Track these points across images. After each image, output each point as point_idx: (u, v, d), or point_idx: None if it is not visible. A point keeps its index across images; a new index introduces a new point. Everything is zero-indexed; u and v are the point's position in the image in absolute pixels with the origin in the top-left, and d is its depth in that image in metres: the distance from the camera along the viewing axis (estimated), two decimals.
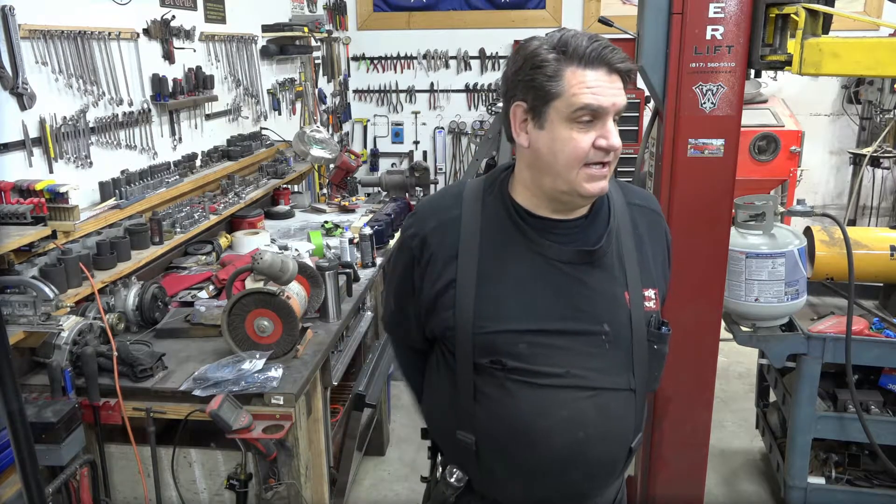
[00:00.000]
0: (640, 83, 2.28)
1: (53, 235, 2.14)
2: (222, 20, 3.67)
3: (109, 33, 2.66)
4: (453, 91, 6.11)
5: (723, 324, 2.44)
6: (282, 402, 1.95)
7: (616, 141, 1.21)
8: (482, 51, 5.99)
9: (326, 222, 3.54)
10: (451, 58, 6.06)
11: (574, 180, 1.21)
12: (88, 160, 2.54)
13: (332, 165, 4.35)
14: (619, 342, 1.30)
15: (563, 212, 1.29)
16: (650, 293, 1.33)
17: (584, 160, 1.20)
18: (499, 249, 1.29)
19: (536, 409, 1.27)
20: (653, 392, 1.39)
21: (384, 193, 4.17)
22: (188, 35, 3.26)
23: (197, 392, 1.94)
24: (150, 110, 2.95)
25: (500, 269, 1.28)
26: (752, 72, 2.10)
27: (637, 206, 1.38)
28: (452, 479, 1.39)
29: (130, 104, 2.81)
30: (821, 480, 2.67)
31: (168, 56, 3.09)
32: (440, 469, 1.43)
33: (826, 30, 1.94)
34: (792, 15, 1.92)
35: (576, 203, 1.27)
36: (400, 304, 1.45)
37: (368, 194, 4.39)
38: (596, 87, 1.17)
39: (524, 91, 1.22)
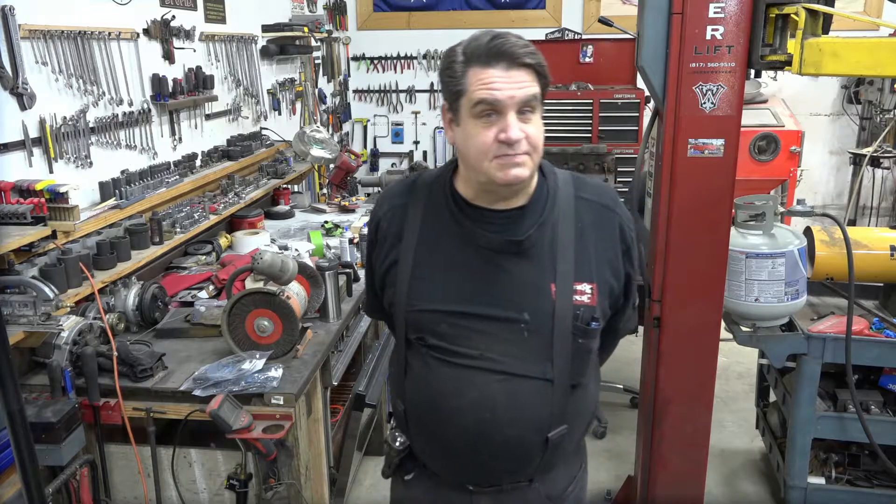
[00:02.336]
0: (640, 83, 2.28)
1: (53, 235, 2.15)
2: (222, 20, 3.67)
3: (109, 33, 2.66)
4: None
5: (723, 324, 2.44)
6: (282, 402, 1.95)
7: (514, 134, 1.23)
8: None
9: (326, 222, 3.54)
10: None
11: (487, 171, 1.26)
12: (88, 160, 2.54)
13: (332, 165, 4.35)
14: (539, 332, 1.32)
15: (498, 202, 1.33)
16: (584, 287, 1.34)
17: (491, 153, 1.25)
18: (436, 235, 1.37)
19: (450, 386, 1.35)
20: (577, 385, 1.39)
21: None
22: (188, 35, 3.26)
23: (197, 392, 1.94)
24: (150, 110, 2.95)
25: (435, 253, 1.36)
26: (752, 72, 2.10)
27: (585, 199, 1.39)
28: (396, 444, 1.49)
29: (130, 104, 2.81)
30: (821, 480, 2.67)
31: (168, 56, 3.09)
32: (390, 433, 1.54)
33: (826, 30, 1.94)
34: (792, 15, 1.92)
35: (501, 192, 1.31)
36: (369, 283, 1.54)
37: (368, 194, 4.39)
38: (491, 82, 1.22)
39: (444, 92, 1.31)
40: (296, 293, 2.22)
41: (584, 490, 1.56)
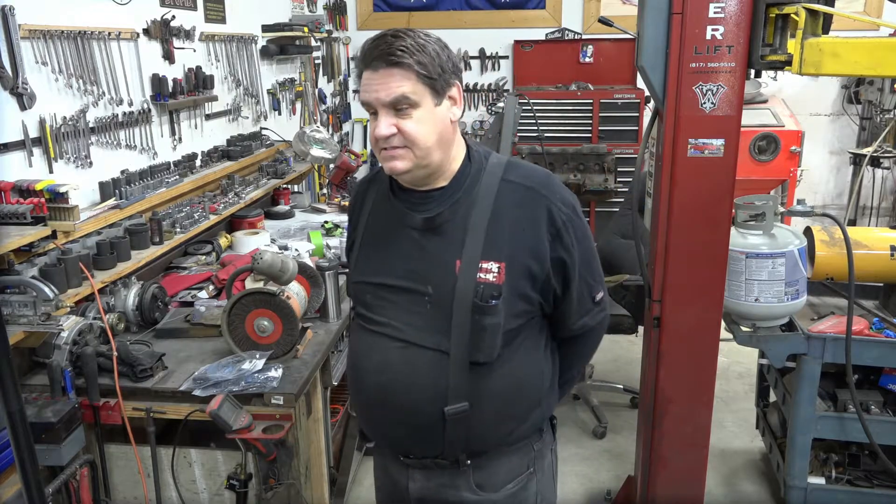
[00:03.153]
0: (640, 83, 2.28)
1: (53, 235, 2.15)
2: (222, 20, 3.68)
3: (109, 33, 2.66)
4: None
5: (723, 324, 2.44)
6: (282, 402, 1.95)
7: (379, 131, 1.32)
8: (482, 51, 5.99)
9: (326, 222, 3.54)
10: None
11: (380, 161, 1.40)
12: (88, 160, 2.54)
13: (332, 165, 4.35)
14: (440, 305, 1.39)
15: (420, 185, 1.43)
16: (491, 266, 1.37)
17: (378, 147, 1.36)
18: (378, 216, 1.50)
19: (362, 350, 1.50)
20: (490, 362, 1.40)
21: None
22: (188, 35, 3.26)
23: (197, 392, 1.94)
24: (150, 110, 2.95)
25: (376, 232, 1.50)
26: (752, 72, 2.10)
27: (509, 181, 1.41)
28: (354, 414, 1.67)
29: (130, 104, 2.81)
30: (821, 480, 2.66)
31: (168, 56, 3.09)
32: None
33: (826, 30, 1.94)
34: (792, 15, 1.92)
35: (403, 179, 1.42)
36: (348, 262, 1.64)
37: None
38: (366, 84, 1.33)
39: None
40: (296, 293, 2.22)
41: (533, 496, 1.53)
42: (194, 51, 3.34)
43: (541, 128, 4.94)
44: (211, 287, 2.65)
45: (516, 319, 1.42)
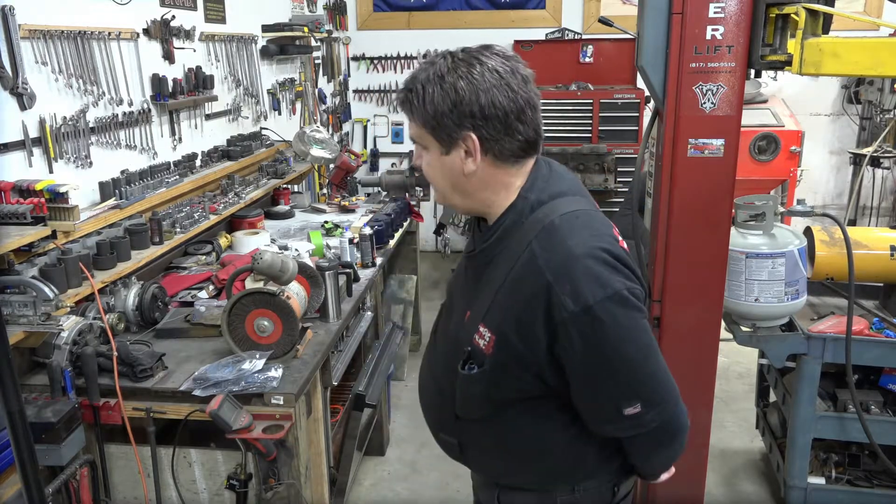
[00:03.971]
0: (640, 83, 2.27)
1: (53, 235, 2.14)
2: (222, 20, 3.67)
3: (109, 33, 2.66)
4: None
5: (723, 324, 2.44)
6: (282, 402, 1.95)
7: (413, 159, 1.35)
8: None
9: (326, 222, 3.54)
10: None
11: None
12: (88, 160, 2.54)
13: (332, 165, 4.35)
14: (446, 345, 1.42)
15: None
16: (485, 333, 1.26)
17: None
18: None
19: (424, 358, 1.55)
20: (472, 420, 1.37)
21: (384, 193, 4.17)
22: (188, 35, 3.26)
23: (197, 392, 1.94)
24: (150, 110, 2.95)
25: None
26: (752, 72, 2.10)
27: (532, 249, 1.22)
28: None
29: (130, 104, 2.81)
30: (821, 480, 2.67)
31: (168, 56, 3.09)
32: None
33: (826, 30, 1.94)
34: (792, 15, 1.92)
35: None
36: None
37: (368, 194, 4.39)
38: None
39: None
40: (296, 293, 2.22)
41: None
42: (194, 51, 3.34)
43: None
44: (211, 287, 2.65)
45: (510, 394, 1.29)
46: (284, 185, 3.92)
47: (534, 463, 1.38)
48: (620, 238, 1.33)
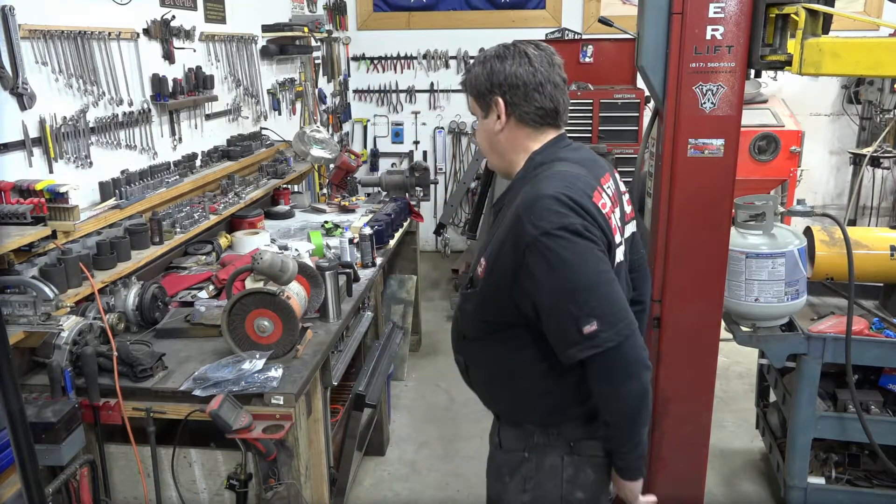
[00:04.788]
0: (640, 83, 2.28)
1: (53, 235, 2.14)
2: (222, 20, 3.67)
3: (109, 33, 2.66)
4: (453, 91, 6.11)
5: (723, 324, 2.44)
6: (282, 402, 1.95)
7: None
8: (482, 51, 5.98)
9: (326, 222, 3.54)
10: (451, 58, 6.06)
11: None
12: (88, 160, 2.54)
13: (332, 165, 4.35)
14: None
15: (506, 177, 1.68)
16: (482, 261, 1.56)
17: None
18: None
19: None
20: (472, 339, 1.66)
21: (384, 193, 4.18)
22: (188, 35, 3.26)
23: (197, 392, 1.94)
24: (150, 110, 2.95)
25: None
26: (752, 72, 2.10)
27: (522, 194, 1.50)
28: None
29: (130, 104, 2.81)
30: (821, 480, 2.67)
31: (168, 56, 3.09)
32: None
33: (826, 30, 1.94)
34: (792, 15, 1.92)
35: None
36: None
37: (368, 194, 4.39)
38: None
39: None
40: (296, 293, 2.22)
41: (522, 481, 1.63)
42: (194, 51, 3.34)
43: None
44: (211, 287, 2.65)
45: (493, 316, 1.56)
46: (284, 185, 3.92)
47: (510, 389, 1.61)
48: (610, 203, 1.54)
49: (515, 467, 1.64)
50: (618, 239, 1.53)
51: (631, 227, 1.71)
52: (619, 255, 1.55)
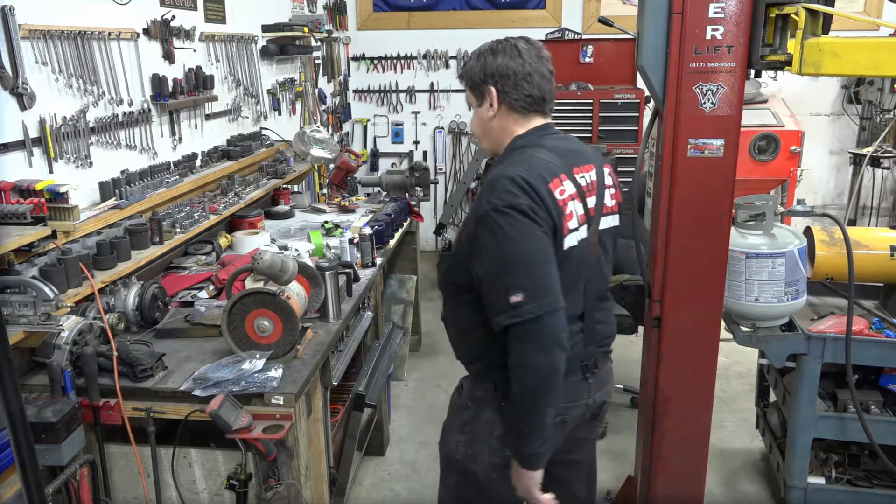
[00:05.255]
0: (640, 83, 2.28)
1: (53, 235, 2.14)
2: (222, 20, 3.67)
3: (109, 33, 2.66)
4: (453, 91, 6.11)
5: (723, 324, 2.44)
6: (282, 402, 1.95)
7: None
8: None
9: (326, 222, 3.54)
10: (451, 58, 6.06)
11: None
12: (88, 160, 2.54)
13: (332, 165, 4.35)
14: None
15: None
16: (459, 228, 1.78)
17: None
18: None
19: None
20: (445, 297, 1.86)
21: (384, 193, 4.17)
22: (188, 35, 3.26)
23: (197, 392, 1.94)
24: (150, 110, 2.95)
25: None
26: (752, 72, 2.10)
27: (489, 175, 1.68)
28: None
29: (130, 104, 2.81)
30: (821, 480, 2.67)
31: (168, 56, 3.09)
32: None
33: (826, 30, 1.94)
34: (792, 15, 1.92)
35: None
36: None
37: (368, 194, 4.39)
38: None
39: None
40: (296, 293, 2.22)
41: (461, 427, 1.82)
42: (194, 51, 3.34)
43: None
44: (211, 287, 2.65)
45: (458, 278, 1.72)
46: (284, 185, 3.92)
47: (466, 345, 1.82)
48: (575, 191, 1.66)
49: (460, 412, 1.84)
50: (572, 225, 1.64)
51: (610, 221, 1.81)
52: (573, 240, 1.65)
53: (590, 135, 5.20)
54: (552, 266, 1.56)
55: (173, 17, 3.10)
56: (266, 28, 4.19)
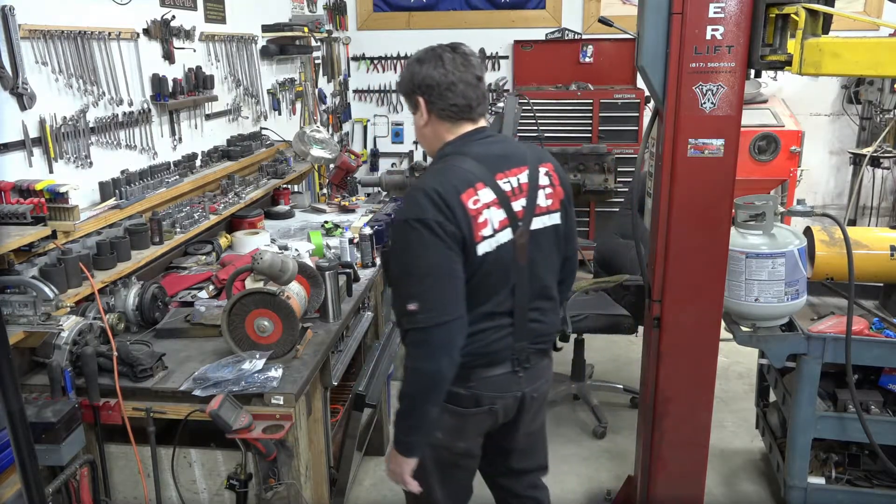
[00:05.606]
0: (640, 83, 2.28)
1: (53, 235, 2.14)
2: (222, 20, 3.68)
3: (109, 33, 2.66)
4: None
5: (723, 324, 2.44)
6: (282, 402, 1.95)
7: None
8: (482, 51, 5.99)
9: (326, 222, 3.54)
10: None
11: None
12: (88, 160, 2.54)
13: (332, 165, 4.35)
14: None
15: None
16: None
17: None
18: None
19: None
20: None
21: (384, 193, 4.17)
22: (188, 35, 3.26)
23: (197, 392, 1.94)
24: (150, 110, 2.95)
25: None
26: (752, 72, 2.10)
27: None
28: None
29: (130, 104, 2.81)
30: (821, 480, 2.67)
31: (168, 56, 3.10)
32: None
33: (826, 30, 1.94)
34: (792, 15, 1.92)
35: None
36: None
37: (368, 194, 4.39)
38: None
39: None
40: (296, 293, 2.22)
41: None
42: (194, 51, 3.34)
43: (541, 128, 4.94)
44: (211, 287, 2.65)
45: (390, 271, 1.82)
46: (284, 185, 3.92)
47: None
48: (493, 198, 1.71)
49: None
50: (486, 233, 1.69)
51: (545, 220, 1.83)
52: (488, 247, 1.70)
53: (590, 135, 5.21)
54: (451, 281, 1.65)
55: (173, 17, 3.10)
56: (266, 28, 4.19)
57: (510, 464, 2.06)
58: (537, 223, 1.80)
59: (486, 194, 1.70)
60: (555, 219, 1.85)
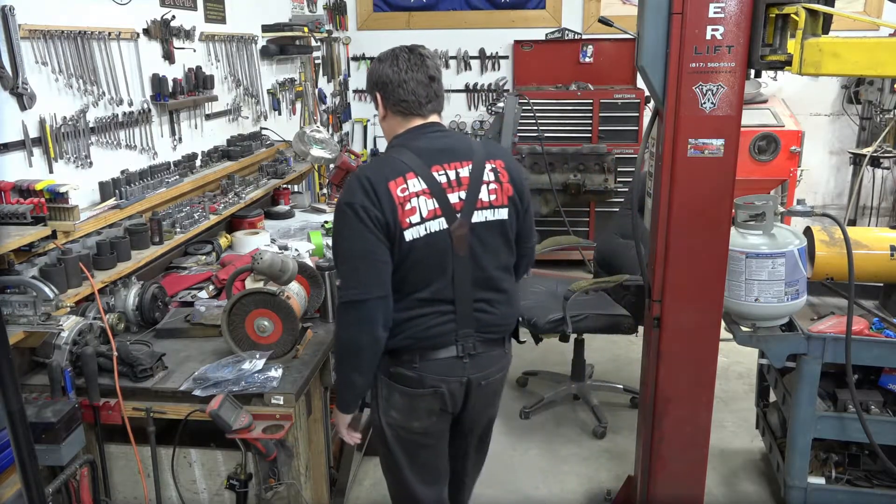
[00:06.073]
0: (640, 83, 2.28)
1: (53, 235, 2.15)
2: (222, 20, 3.68)
3: (109, 33, 2.66)
4: (453, 91, 6.11)
5: (723, 324, 2.44)
6: (282, 402, 1.95)
7: None
8: (482, 51, 5.99)
9: (326, 222, 3.54)
10: (451, 58, 6.06)
11: None
12: (88, 160, 2.54)
13: (332, 165, 4.35)
14: None
15: None
16: None
17: None
18: None
19: None
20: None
21: None
22: (188, 35, 3.26)
23: (197, 392, 1.94)
24: (150, 110, 2.95)
25: None
26: (752, 72, 2.10)
27: None
28: None
29: (130, 104, 2.81)
30: (821, 480, 2.66)
31: (168, 56, 3.10)
32: None
33: (826, 30, 1.94)
34: (792, 15, 1.92)
35: None
36: None
37: None
38: None
39: None
40: (296, 293, 2.22)
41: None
42: (194, 51, 3.34)
43: (541, 128, 4.94)
44: (211, 287, 2.65)
45: None
46: (284, 185, 3.92)
47: None
48: (424, 188, 1.80)
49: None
50: (413, 219, 1.78)
51: (488, 214, 1.87)
52: (415, 233, 1.78)
53: (590, 135, 5.21)
54: (373, 262, 1.77)
55: (173, 17, 3.10)
56: (266, 28, 4.19)
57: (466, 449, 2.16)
58: (479, 216, 1.86)
59: (416, 184, 1.79)
60: (500, 214, 1.89)
